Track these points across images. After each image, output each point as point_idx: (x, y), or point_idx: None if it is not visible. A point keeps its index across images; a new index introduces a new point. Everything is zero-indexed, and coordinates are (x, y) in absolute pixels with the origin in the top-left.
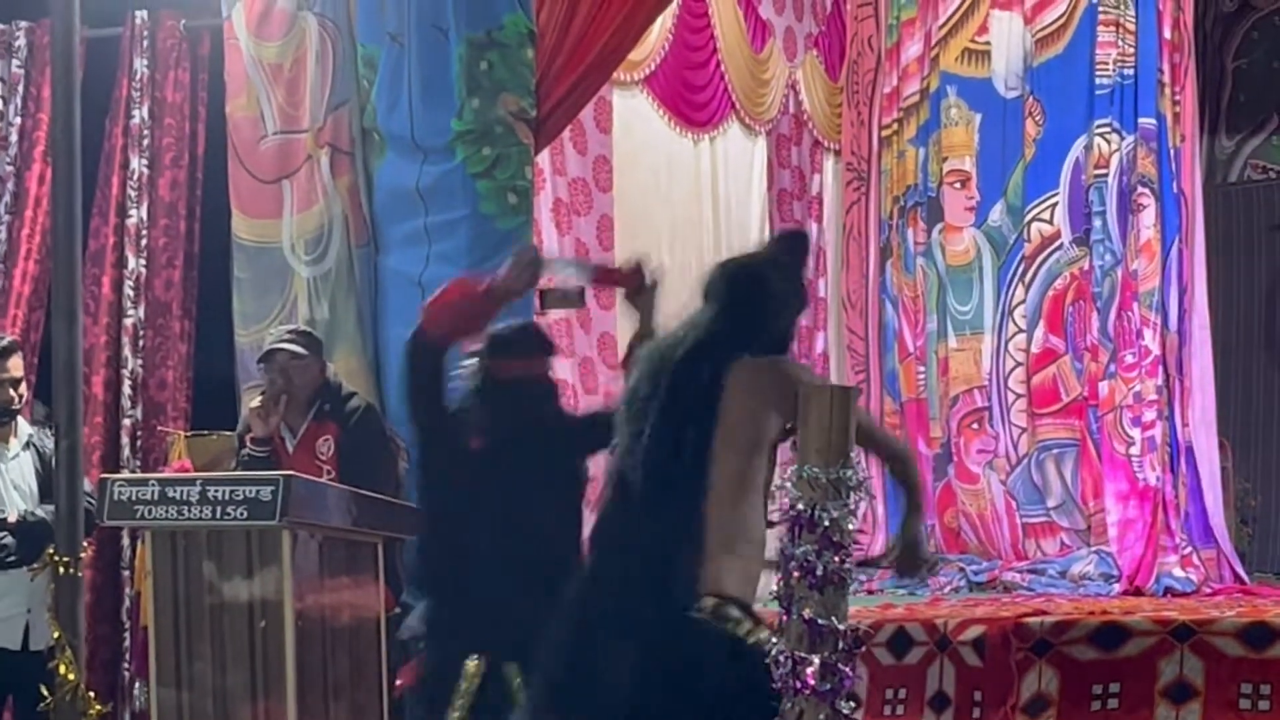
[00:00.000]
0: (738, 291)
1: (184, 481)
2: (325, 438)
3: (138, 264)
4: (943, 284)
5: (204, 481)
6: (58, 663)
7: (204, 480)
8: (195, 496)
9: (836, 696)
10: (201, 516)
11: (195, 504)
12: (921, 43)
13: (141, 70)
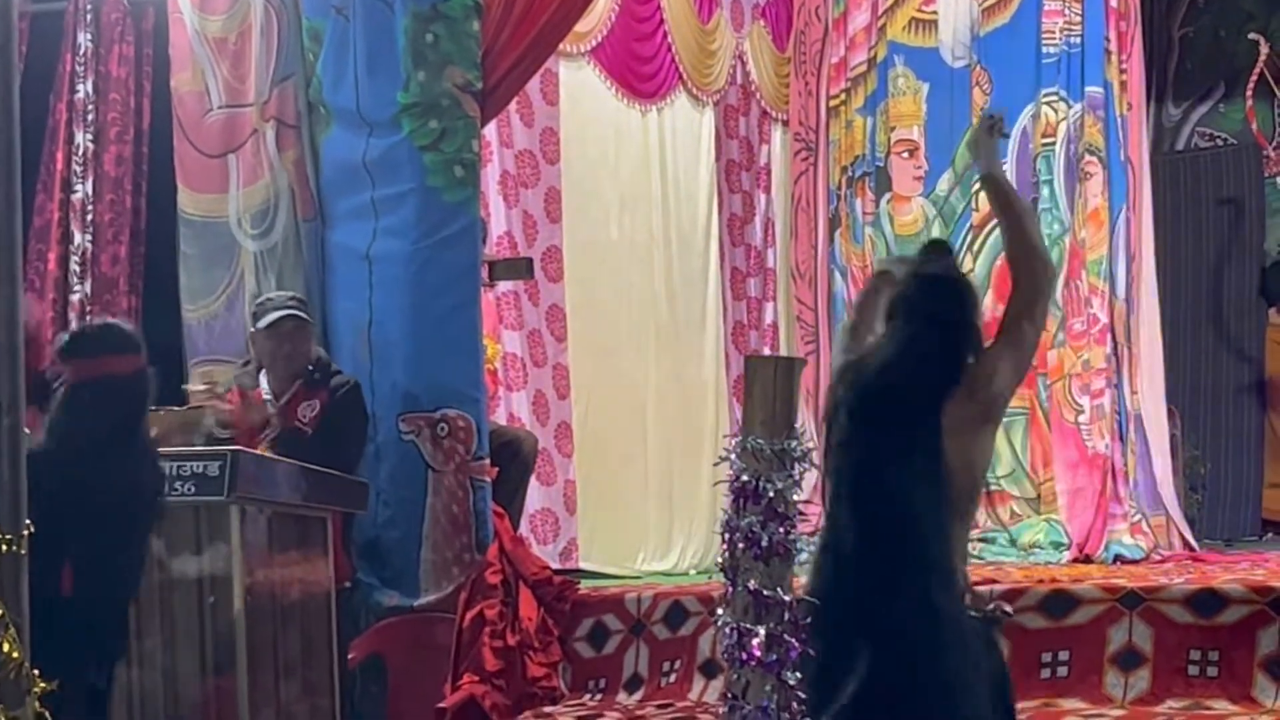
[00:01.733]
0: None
1: None
2: (311, 402)
3: (83, 239)
4: (891, 253)
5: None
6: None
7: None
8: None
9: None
10: None
11: None
12: (869, 12)
13: (85, 45)
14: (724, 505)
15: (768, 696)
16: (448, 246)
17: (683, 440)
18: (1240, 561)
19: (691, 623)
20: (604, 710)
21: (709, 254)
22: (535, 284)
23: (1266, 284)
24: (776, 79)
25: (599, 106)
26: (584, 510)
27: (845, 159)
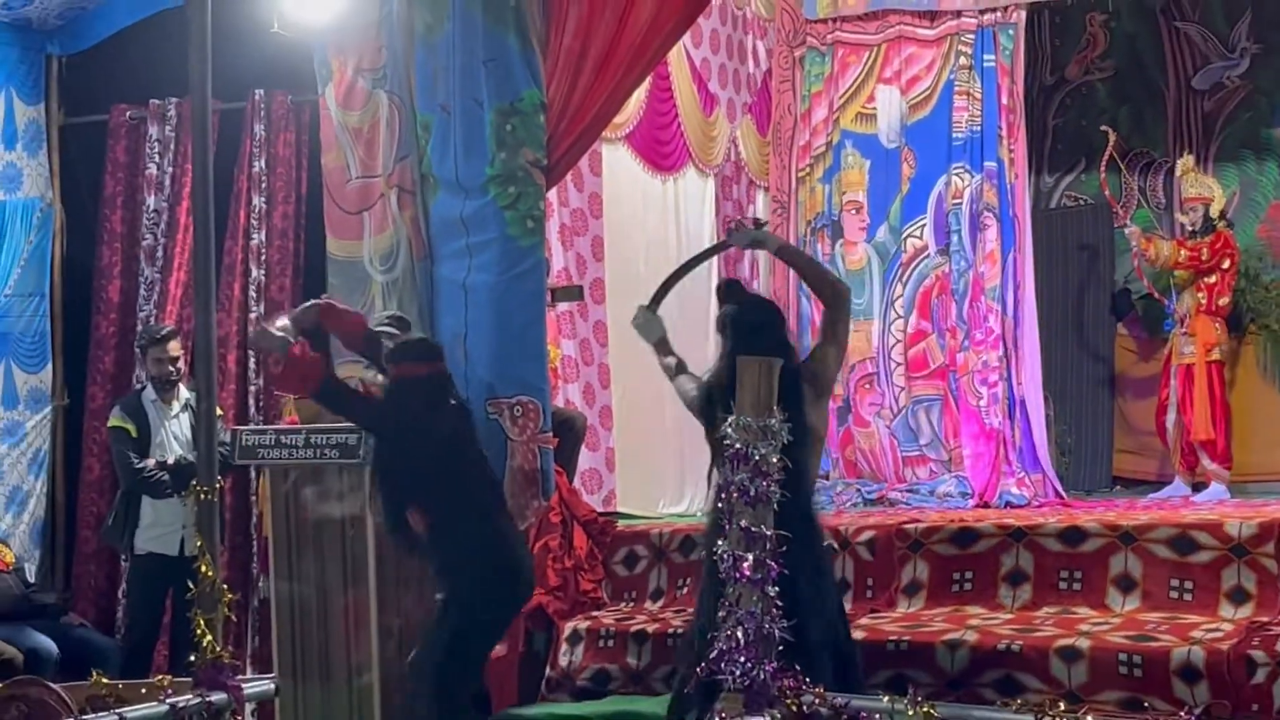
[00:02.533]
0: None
1: (293, 431)
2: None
3: (259, 274)
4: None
5: (308, 431)
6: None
7: (308, 430)
8: (301, 442)
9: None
10: (306, 456)
11: (301, 447)
12: (826, 108)
13: (260, 132)
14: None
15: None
16: (522, 279)
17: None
18: (1096, 506)
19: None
20: (635, 614)
21: (711, 285)
22: (585, 305)
23: (1115, 305)
24: (759, 156)
25: (630, 177)
26: (620, 469)
27: (809, 215)
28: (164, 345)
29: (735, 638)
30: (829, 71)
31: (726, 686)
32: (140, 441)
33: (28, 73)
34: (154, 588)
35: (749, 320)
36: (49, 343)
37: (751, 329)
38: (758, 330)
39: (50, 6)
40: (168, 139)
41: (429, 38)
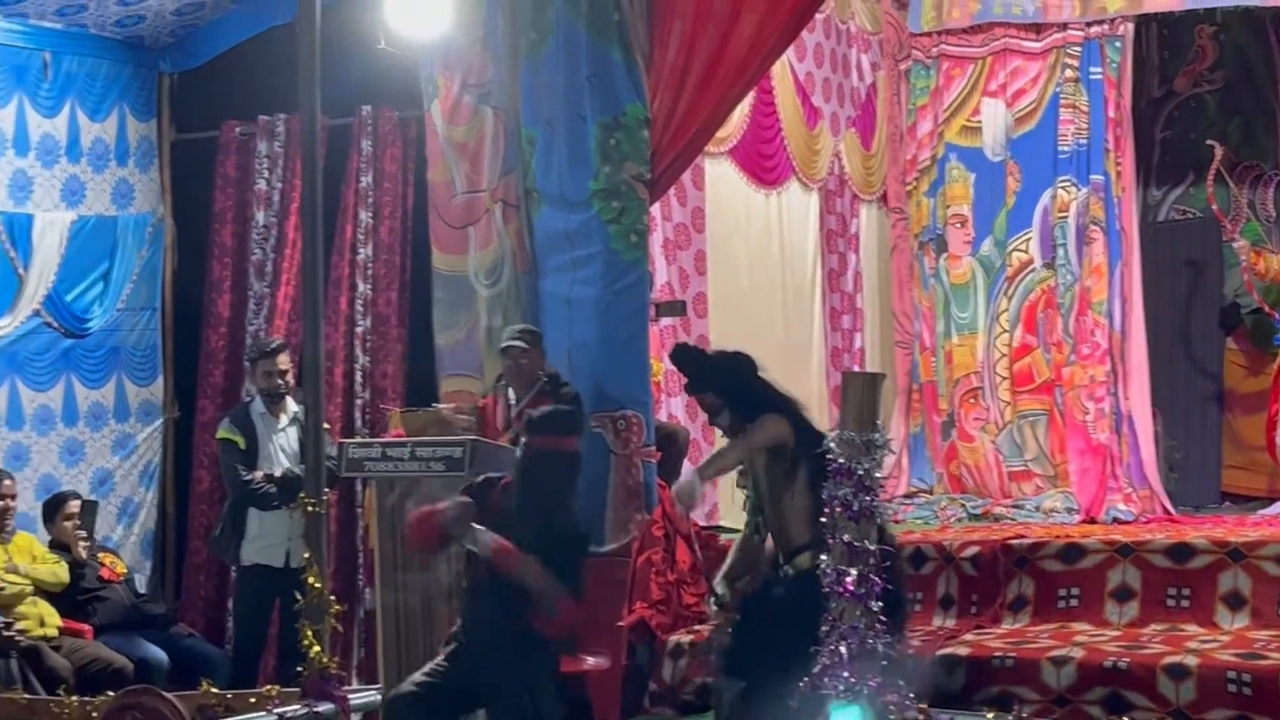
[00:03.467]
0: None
1: (399, 444)
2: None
3: (365, 288)
4: (948, 298)
5: (413, 444)
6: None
7: (413, 443)
8: (407, 455)
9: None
10: (411, 469)
11: (406, 460)
12: (931, 122)
13: (367, 148)
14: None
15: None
16: (625, 293)
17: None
18: (1205, 523)
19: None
20: None
21: (814, 298)
22: (688, 319)
23: (1223, 319)
24: (863, 170)
25: (733, 191)
26: (723, 483)
27: (915, 228)
28: (273, 359)
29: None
30: (934, 85)
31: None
32: (249, 454)
33: (140, 90)
34: (261, 599)
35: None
36: (160, 356)
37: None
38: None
39: (162, 25)
40: (276, 155)
41: (533, 53)
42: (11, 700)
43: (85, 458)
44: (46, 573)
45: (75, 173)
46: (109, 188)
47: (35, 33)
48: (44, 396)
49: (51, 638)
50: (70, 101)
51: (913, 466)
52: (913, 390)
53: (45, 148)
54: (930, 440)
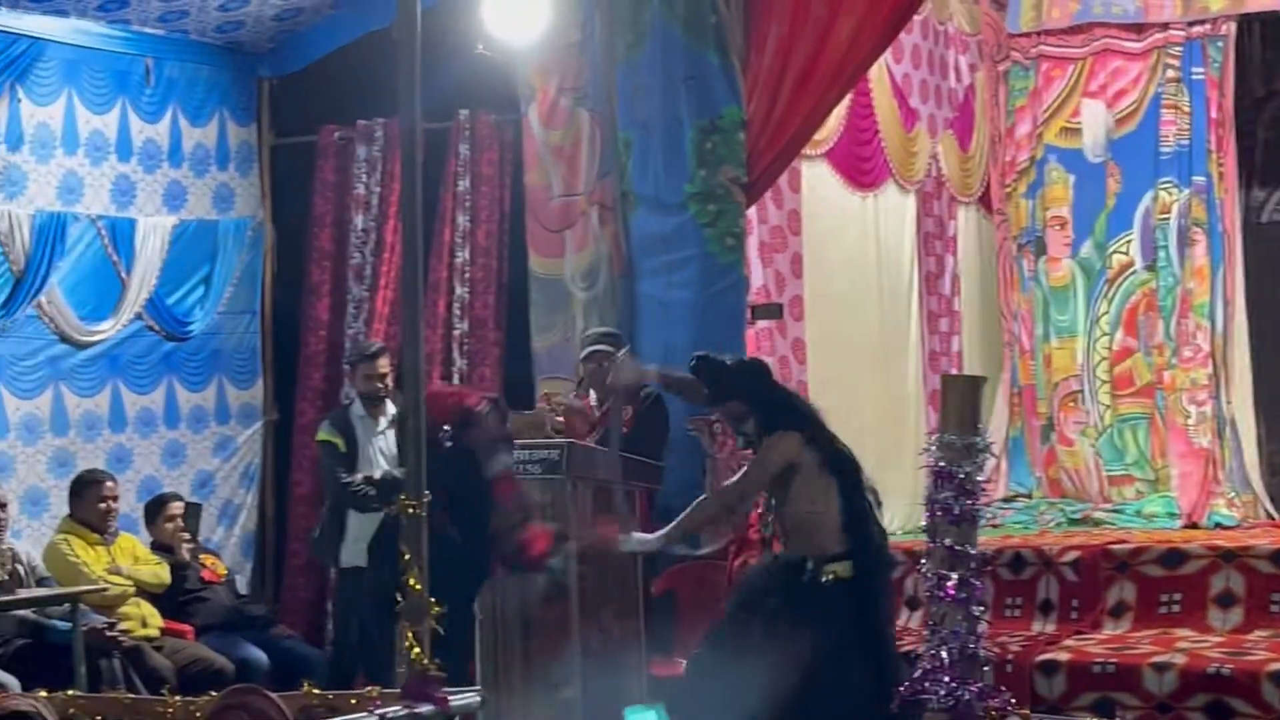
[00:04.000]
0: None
1: None
2: (625, 410)
3: (462, 291)
4: (1047, 300)
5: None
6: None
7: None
8: None
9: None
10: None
11: None
12: (1030, 123)
13: (464, 152)
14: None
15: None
16: (721, 296)
17: (891, 437)
18: None
19: (899, 570)
20: None
21: (911, 301)
22: (784, 323)
23: None
24: (961, 172)
25: (830, 193)
26: None
27: (1014, 230)
28: (373, 362)
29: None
30: (1033, 86)
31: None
32: (348, 456)
33: (240, 95)
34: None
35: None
36: (259, 359)
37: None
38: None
39: (262, 30)
40: (375, 159)
41: (630, 56)
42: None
43: (186, 460)
44: (148, 574)
45: (177, 177)
46: (210, 192)
47: (138, 39)
48: (146, 399)
49: (153, 638)
50: (172, 107)
51: (1012, 470)
52: (1013, 394)
53: (147, 153)
54: (1029, 444)
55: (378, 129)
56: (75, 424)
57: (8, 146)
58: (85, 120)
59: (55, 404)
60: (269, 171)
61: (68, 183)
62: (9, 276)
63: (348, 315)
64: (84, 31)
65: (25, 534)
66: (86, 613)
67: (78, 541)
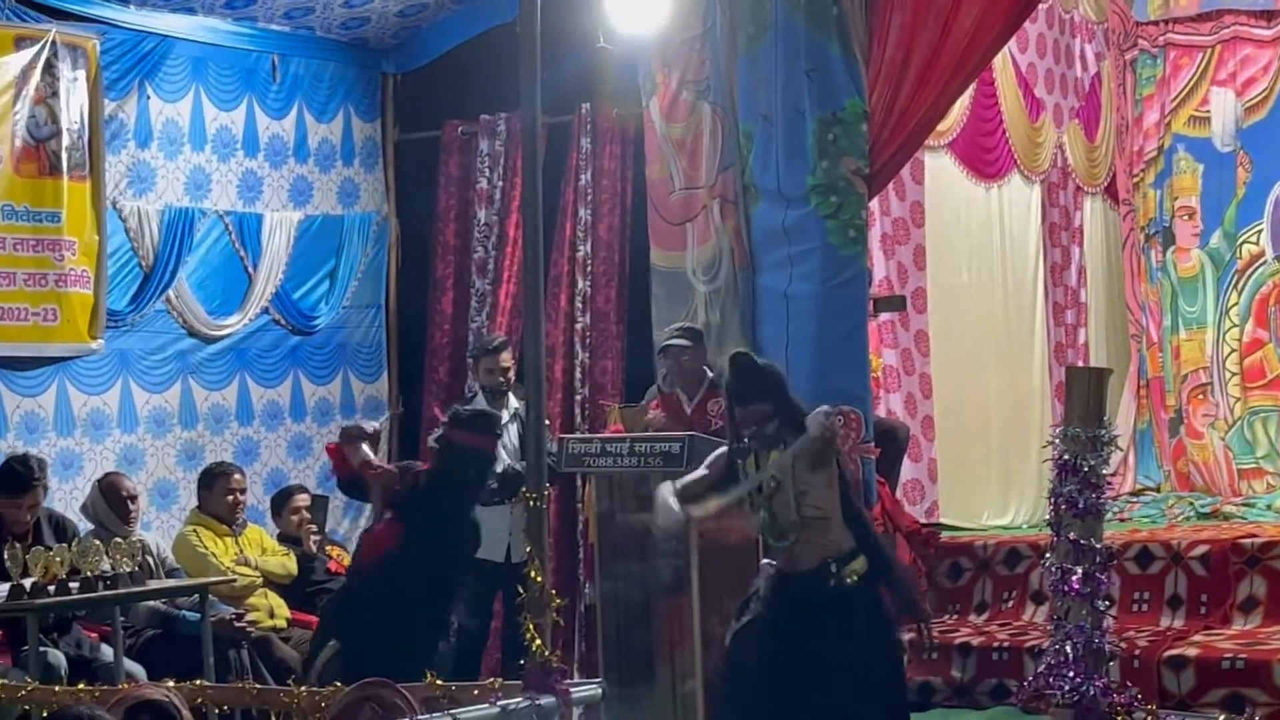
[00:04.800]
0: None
1: (618, 439)
2: (715, 400)
3: (584, 284)
4: (1175, 291)
5: (632, 439)
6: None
7: (632, 438)
8: (626, 450)
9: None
10: (630, 464)
11: (625, 456)
12: (1158, 112)
13: (586, 145)
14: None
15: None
16: (843, 288)
17: (1016, 429)
18: None
19: (1024, 564)
20: (959, 626)
21: (1036, 292)
22: (906, 315)
23: None
24: (1088, 162)
25: (954, 184)
26: (943, 480)
27: (1142, 221)
28: (495, 356)
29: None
30: (1160, 74)
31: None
32: None
33: (364, 91)
34: (483, 593)
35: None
36: (384, 353)
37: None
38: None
39: (386, 27)
40: (497, 153)
41: (751, 48)
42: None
43: (312, 452)
44: (276, 565)
45: (302, 173)
46: (335, 187)
47: (264, 36)
48: (272, 392)
49: (281, 629)
50: (298, 103)
51: (1139, 464)
52: (1140, 386)
53: (274, 149)
54: (1157, 437)
55: (500, 123)
56: (203, 417)
57: (137, 143)
58: (212, 117)
59: (184, 397)
60: (393, 166)
61: (195, 179)
62: (138, 272)
63: (471, 309)
64: (211, 29)
65: (154, 526)
66: (215, 603)
67: (206, 533)
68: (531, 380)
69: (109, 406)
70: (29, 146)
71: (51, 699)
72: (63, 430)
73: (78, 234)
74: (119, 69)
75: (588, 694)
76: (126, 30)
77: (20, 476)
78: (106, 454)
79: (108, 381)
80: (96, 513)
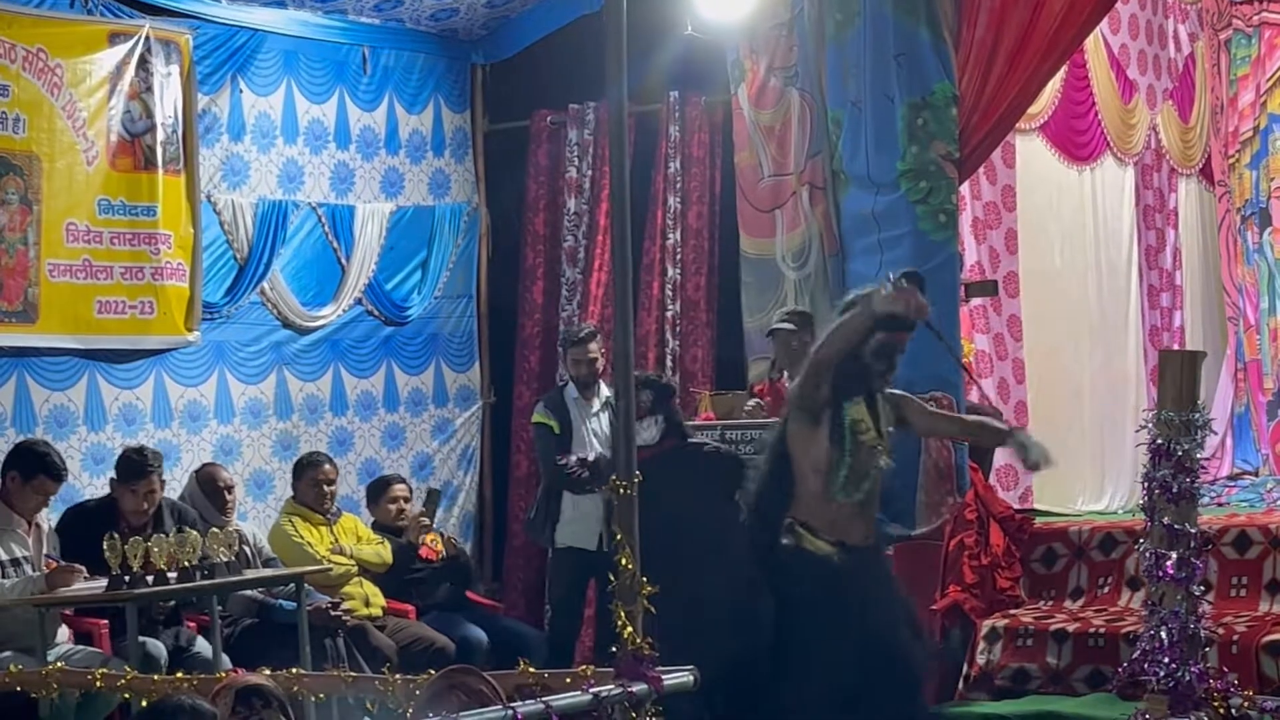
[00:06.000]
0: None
1: (709, 427)
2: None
3: (674, 272)
4: (1272, 273)
5: (723, 426)
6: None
7: (723, 425)
8: (716, 437)
9: (1190, 582)
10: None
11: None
12: (1253, 92)
13: (674, 133)
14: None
15: (1179, 604)
16: (934, 273)
17: (1110, 413)
18: None
19: (1119, 549)
20: (1054, 613)
21: (1130, 276)
22: (999, 300)
23: None
24: (1182, 143)
25: (1045, 167)
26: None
27: (1238, 202)
28: (583, 346)
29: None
30: (1255, 54)
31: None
32: (563, 438)
33: (454, 82)
34: (575, 581)
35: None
36: (476, 342)
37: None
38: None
39: (475, 17)
40: (586, 142)
41: (840, 34)
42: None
43: (406, 442)
44: (371, 553)
45: (394, 164)
46: (426, 178)
47: (354, 28)
48: (366, 383)
49: (376, 617)
50: (388, 94)
51: (1237, 448)
52: (1237, 369)
53: (365, 140)
54: (1255, 420)
55: (589, 112)
56: (298, 407)
57: (230, 137)
58: (304, 109)
59: (279, 388)
60: (483, 157)
61: (288, 171)
62: (233, 264)
63: (561, 298)
64: (302, 22)
65: (251, 516)
66: (311, 592)
67: (301, 523)
68: (620, 369)
69: (205, 398)
70: (124, 141)
71: (150, 688)
72: (160, 422)
73: (173, 227)
74: (211, 63)
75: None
76: (219, 25)
77: (135, 464)
78: (203, 445)
79: (204, 373)
80: (194, 503)
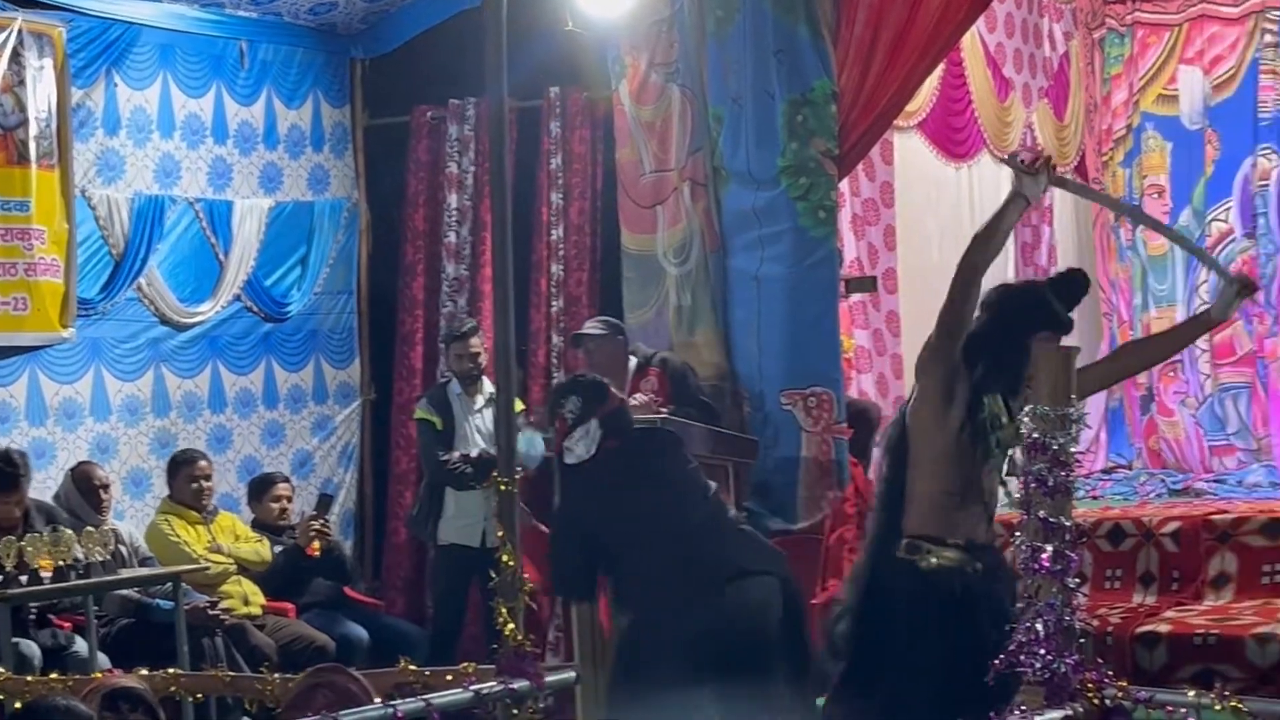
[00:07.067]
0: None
1: None
2: (648, 377)
3: (558, 269)
4: (1145, 270)
5: None
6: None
7: None
8: None
9: (1065, 575)
10: None
11: None
12: (1126, 91)
13: (556, 129)
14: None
15: (1054, 596)
16: (814, 269)
17: None
18: None
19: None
20: None
21: (1007, 271)
22: (878, 296)
23: None
24: (1057, 141)
25: (923, 164)
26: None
27: None
28: (465, 341)
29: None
30: (1128, 53)
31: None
32: (445, 434)
33: (334, 76)
34: (458, 578)
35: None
36: (356, 339)
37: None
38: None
39: (354, 12)
40: (467, 138)
41: (720, 31)
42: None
43: (285, 439)
44: (249, 552)
45: (272, 159)
46: (305, 174)
47: (231, 22)
48: (245, 380)
49: (255, 616)
50: (266, 89)
51: (1111, 441)
52: None
53: (243, 135)
54: (1129, 415)
55: (470, 108)
56: (176, 405)
57: (105, 131)
58: (181, 104)
59: (156, 385)
60: (363, 152)
61: (164, 166)
62: (109, 260)
63: (442, 294)
64: (178, 15)
65: (128, 515)
66: (189, 591)
67: (178, 521)
68: (500, 365)
69: (81, 395)
70: None
71: (25, 689)
72: (35, 420)
73: (47, 223)
74: (86, 57)
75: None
76: (93, 18)
77: (6, 475)
78: (79, 443)
79: (79, 370)
80: (69, 502)
